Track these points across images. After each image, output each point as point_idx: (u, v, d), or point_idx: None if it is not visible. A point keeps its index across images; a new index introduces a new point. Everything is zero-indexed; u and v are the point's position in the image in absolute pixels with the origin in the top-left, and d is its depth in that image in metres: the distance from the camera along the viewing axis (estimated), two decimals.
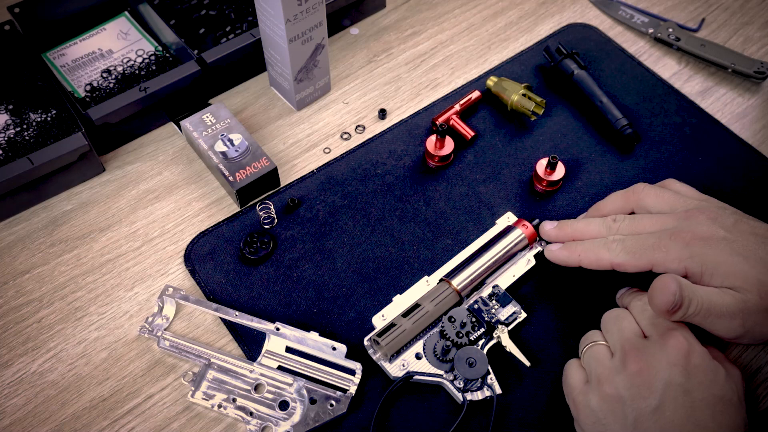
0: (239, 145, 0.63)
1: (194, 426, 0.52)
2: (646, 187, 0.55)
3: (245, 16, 0.73)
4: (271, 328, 0.54)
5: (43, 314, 0.57)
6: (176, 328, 0.56)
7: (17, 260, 0.60)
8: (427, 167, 0.65)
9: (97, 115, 0.62)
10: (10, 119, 0.65)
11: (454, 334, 0.52)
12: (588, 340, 0.51)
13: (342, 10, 0.74)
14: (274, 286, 0.58)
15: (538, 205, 0.63)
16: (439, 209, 0.62)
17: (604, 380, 0.47)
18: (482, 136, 0.67)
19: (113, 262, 0.60)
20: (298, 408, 0.51)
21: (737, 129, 0.68)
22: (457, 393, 0.51)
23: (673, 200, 0.54)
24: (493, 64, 0.74)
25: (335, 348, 0.53)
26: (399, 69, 0.73)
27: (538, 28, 0.77)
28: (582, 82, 0.68)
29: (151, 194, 0.64)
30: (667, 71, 0.73)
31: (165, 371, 0.54)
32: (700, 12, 0.78)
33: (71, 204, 0.64)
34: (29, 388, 0.53)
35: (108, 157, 0.67)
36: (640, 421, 0.44)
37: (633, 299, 0.52)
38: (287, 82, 0.67)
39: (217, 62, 0.66)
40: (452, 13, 0.79)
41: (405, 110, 0.70)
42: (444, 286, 0.55)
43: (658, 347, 0.46)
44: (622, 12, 0.78)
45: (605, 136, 0.67)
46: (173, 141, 0.68)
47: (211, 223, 0.62)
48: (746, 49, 0.74)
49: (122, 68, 0.71)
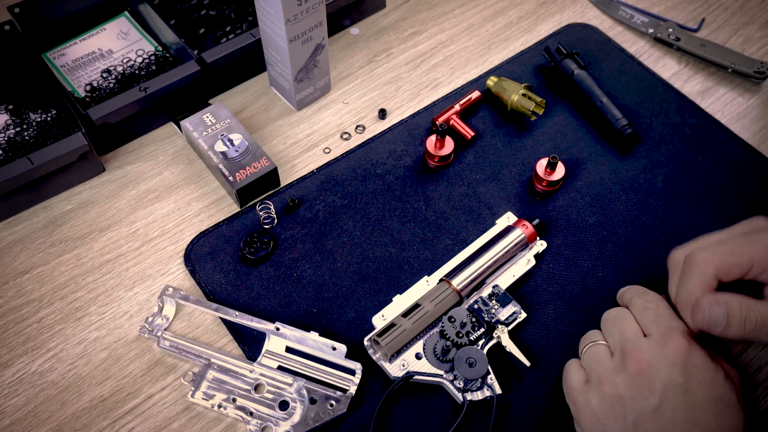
0: (239, 145, 0.63)
1: (194, 426, 0.52)
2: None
3: (245, 16, 0.73)
4: (271, 328, 0.54)
5: (43, 314, 0.57)
6: (176, 328, 0.56)
7: (17, 260, 0.60)
8: (427, 167, 0.65)
9: (97, 115, 0.62)
10: (10, 119, 0.65)
11: (454, 334, 0.52)
12: (588, 340, 0.51)
13: (342, 10, 0.74)
14: (274, 286, 0.58)
15: (538, 205, 0.63)
16: (439, 209, 0.62)
17: (604, 380, 0.47)
18: (482, 136, 0.67)
19: (113, 262, 0.60)
20: (298, 408, 0.51)
21: (737, 129, 0.68)
22: (457, 393, 0.51)
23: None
24: (493, 64, 0.74)
25: (335, 348, 0.53)
26: (399, 69, 0.73)
27: (538, 28, 0.77)
28: (582, 82, 0.68)
29: (151, 194, 0.64)
30: (667, 71, 0.73)
31: (165, 371, 0.54)
32: (700, 12, 0.78)
33: (71, 204, 0.64)
34: (29, 388, 0.53)
35: (108, 157, 0.67)
36: (640, 421, 0.44)
37: (633, 298, 0.52)
38: (287, 82, 0.67)
39: (217, 62, 0.67)
40: (452, 13, 0.79)
41: (405, 110, 0.70)
42: (444, 286, 0.55)
43: (658, 347, 0.46)
44: (622, 12, 0.78)
45: (605, 136, 0.67)
46: (173, 141, 0.68)
47: (211, 223, 0.62)
48: (746, 49, 0.74)
49: (122, 68, 0.71)
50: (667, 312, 0.49)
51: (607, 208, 0.62)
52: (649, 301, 0.50)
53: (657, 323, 0.48)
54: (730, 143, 0.66)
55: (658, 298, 0.50)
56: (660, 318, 0.48)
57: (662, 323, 0.48)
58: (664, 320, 0.48)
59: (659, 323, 0.48)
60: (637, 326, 0.49)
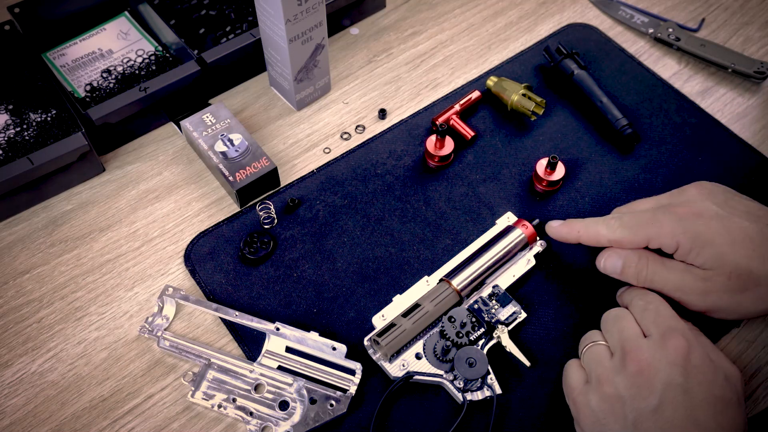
0: (239, 145, 0.63)
1: (194, 426, 0.52)
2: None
3: (245, 16, 0.73)
4: (271, 328, 0.54)
5: (43, 314, 0.57)
6: (176, 328, 0.56)
7: (17, 260, 0.60)
8: (427, 167, 0.65)
9: (97, 115, 0.62)
10: (10, 119, 0.65)
11: (454, 334, 0.52)
12: (588, 340, 0.51)
13: (342, 10, 0.74)
14: (274, 286, 0.58)
15: (538, 205, 0.63)
16: (439, 209, 0.62)
17: (604, 380, 0.47)
18: (482, 136, 0.67)
19: (113, 262, 0.60)
20: (298, 408, 0.51)
21: (737, 129, 0.68)
22: (457, 393, 0.51)
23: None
24: (493, 64, 0.74)
25: (335, 348, 0.53)
26: (399, 69, 0.73)
27: (538, 28, 0.77)
28: (582, 82, 0.68)
29: (151, 194, 0.64)
30: (667, 71, 0.73)
31: (165, 371, 0.54)
32: (700, 12, 0.78)
33: (71, 204, 0.64)
34: (29, 388, 0.53)
35: (108, 157, 0.67)
36: (640, 421, 0.44)
37: (633, 298, 0.52)
38: (287, 82, 0.67)
39: (217, 62, 0.66)
40: (452, 13, 0.79)
41: (405, 110, 0.70)
42: (444, 286, 0.55)
43: (658, 347, 0.46)
44: (622, 12, 0.78)
45: (605, 136, 0.67)
46: (173, 141, 0.68)
47: (211, 223, 0.62)
48: (746, 49, 0.74)
49: (122, 68, 0.71)
50: (667, 312, 0.49)
51: (607, 208, 0.62)
52: (649, 302, 0.50)
53: (657, 323, 0.48)
54: (730, 143, 0.66)
55: (658, 299, 0.51)
56: (660, 318, 0.48)
57: (662, 323, 0.48)
58: (664, 320, 0.48)
59: (659, 323, 0.48)
60: (637, 326, 0.49)
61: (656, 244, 0.52)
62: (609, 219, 0.54)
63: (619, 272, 0.53)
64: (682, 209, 0.51)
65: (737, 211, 0.51)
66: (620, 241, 0.53)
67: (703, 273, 0.50)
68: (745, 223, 0.50)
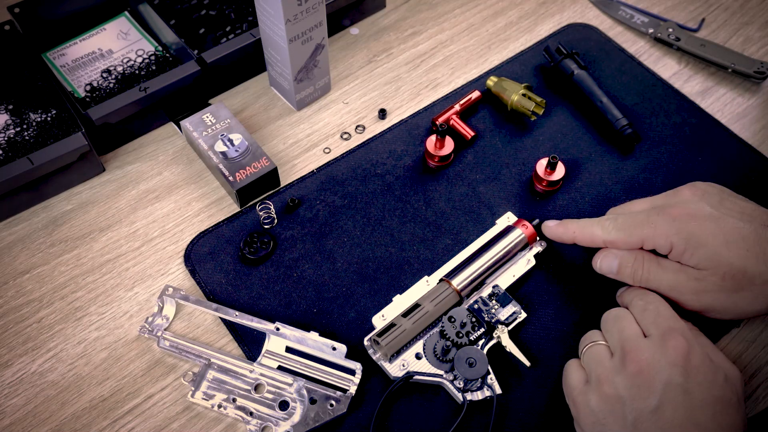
0: (239, 145, 0.63)
1: (194, 426, 0.52)
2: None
3: (245, 16, 0.73)
4: (271, 328, 0.54)
5: (43, 314, 0.57)
6: (176, 328, 0.56)
7: (17, 260, 0.60)
8: (427, 167, 0.65)
9: (97, 115, 0.62)
10: (10, 119, 0.65)
11: (454, 334, 0.52)
12: (588, 340, 0.51)
13: (342, 10, 0.74)
14: (274, 286, 0.58)
15: (538, 205, 0.63)
16: (439, 209, 0.62)
17: (604, 380, 0.47)
18: (482, 136, 0.67)
19: (113, 262, 0.60)
20: (298, 408, 0.51)
21: (737, 129, 0.68)
22: (457, 393, 0.51)
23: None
24: (493, 64, 0.74)
25: (335, 348, 0.53)
26: (399, 69, 0.73)
27: (538, 28, 0.77)
28: (582, 82, 0.68)
29: (151, 194, 0.64)
30: (667, 71, 0.73)
31: (165, 371, 0.54)
32: (700, 12, 0.78)
33: (71, 204, 0.64)
34: (29, 388, 0.53)
35: (108, 157, 0.67)
36: (640, 421, 0.44)
37: (633, 299, 0.52)
38: (287, 82, 0.67)
39: (217, 62, 0.66)
40: (452, 13, 0.79)
41: (405, 110, 0.70)
42: (444, 286, 0.55)
43: (657, 347, 0.46)
44: (622, 12, 0.78)
45: (605, 136, 0.67)
46: (173, 141, 0.68)
47: (211, 223, 0.62)
48: (746, 49, 0.74)
49: (122, 68, 0.71)
50: (667, 312, 0.49)
51: (607, 208, 0.62)
52: (649, 302, 0.50)
53: (657, 324, 0.48)
54: (730, 143, 0.66)
55: (658, 299, 0.51)
56: (660, 318, 0.48)
57: (662, 324, 0.48)
58: (664, 321, 0.48)
59: (659, 324, 0.48)
60: (637, 326, 0.49)
61: (650, 245, 0.52)
62: (603, 220, 0.54)
63: (615, 272, 0.53)
64: (676, 210, 0.51)
65: (731, 212, 0.51)
66: (615, 242, 0.53)
67: (697, 273, 0.50)
68: (739, 223, 0.50)
